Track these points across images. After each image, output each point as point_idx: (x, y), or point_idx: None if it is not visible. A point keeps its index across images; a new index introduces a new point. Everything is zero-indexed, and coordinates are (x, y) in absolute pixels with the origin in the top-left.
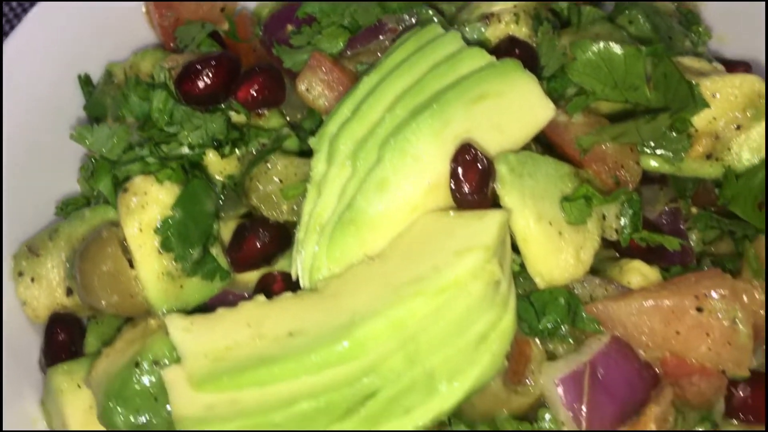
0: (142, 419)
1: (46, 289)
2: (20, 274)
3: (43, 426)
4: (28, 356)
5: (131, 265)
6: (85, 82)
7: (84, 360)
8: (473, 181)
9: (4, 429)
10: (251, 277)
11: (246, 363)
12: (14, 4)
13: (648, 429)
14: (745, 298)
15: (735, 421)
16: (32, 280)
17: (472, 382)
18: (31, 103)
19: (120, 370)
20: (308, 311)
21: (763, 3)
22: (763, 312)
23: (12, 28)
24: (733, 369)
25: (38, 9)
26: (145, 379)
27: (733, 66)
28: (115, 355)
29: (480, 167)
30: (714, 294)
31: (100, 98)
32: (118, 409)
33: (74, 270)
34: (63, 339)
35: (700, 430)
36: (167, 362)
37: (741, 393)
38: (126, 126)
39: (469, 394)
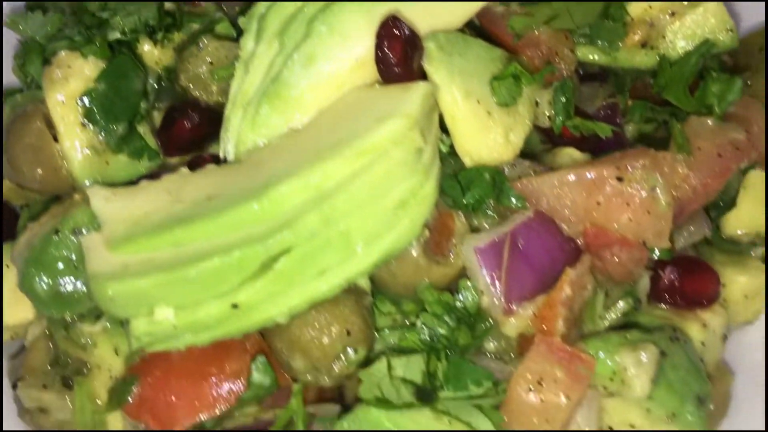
0: (62, 283)
1: None
2: None
3: None
4: None
5: (56, 139)
6: None
7: (13, 243)
8: (398, 53)
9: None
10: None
11: (163, 225)
12: None
13: (563, 292)
14: (666, 169)
15: (663, 305)
16: None
17: (390, 246)
18: None
19: (40, 239)
20: (228, 178)
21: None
22: (687, 187)
23: None
24: (654, 240)
25: None
26: (64, 246)
27: None
28: (38, 228)
29: (404, 39)
30: (635, 164)
31: None
32: (38, 274)
33: (2, 148)
34: None
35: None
36: (87, 228)
37: (668, 275)
38: (60, 14)
39: (386, 257)
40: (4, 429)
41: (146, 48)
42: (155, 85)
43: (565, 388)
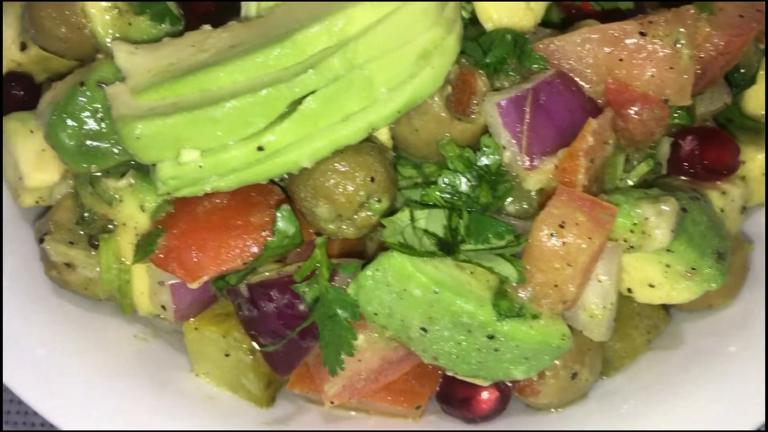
0: (87, 133)
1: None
2: None
3: None
4: None
5: None
6: None
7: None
8: None
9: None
10: None
11: (187, 71)
12: None
13: (585, 142)
14: (689, 24)
15: (682, 177)
16: None
17: (412, 93)
18: None
19: (66, 92)
20: (251, 30)
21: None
22: (710, 45)
23: None
24: (676, 96)
25: None
26: (90, 97)
27: None
28: (63, 86)
29: None
30: (658, 19)
31: None
32: (65, 125)
33: (23, 8)
34: (18, 94)
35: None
36: (111, 80)
37: (689, 144)
38: None
39: (408, 105)
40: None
41: None
42: None
43: (587, 231)
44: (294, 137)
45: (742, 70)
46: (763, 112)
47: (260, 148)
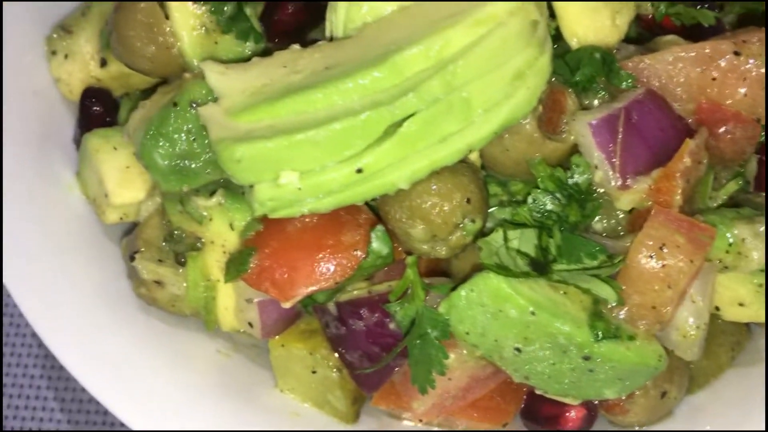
0: (180, 153)
1: (80, 63)
2: (54, 53)
3: (78, 193)
4: (64, 134)
5: (167, 17)
6: None
7: (118, 128)
8: None
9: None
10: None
11: (283, 93)
12: None
13: (683, 163)
14: None
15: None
16: (65, 56)
17: (508, 114)
18: None
19: (158, 113)
20: (343, 51)
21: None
22: None
23: None
24: None
25: None
26: (183, 118)
27: None
28: (152, 105)
29: None
30: (752, 38)
31: None
32: (158, 145)
33: (110, 26)
34: (97, 111)
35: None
36: (203, 101)
37: None
38: None
39: (504, 126)
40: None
41: None
42: None
43: (688, 253)
44: (393, 159)
45: None
46: None
47: (359, 171)
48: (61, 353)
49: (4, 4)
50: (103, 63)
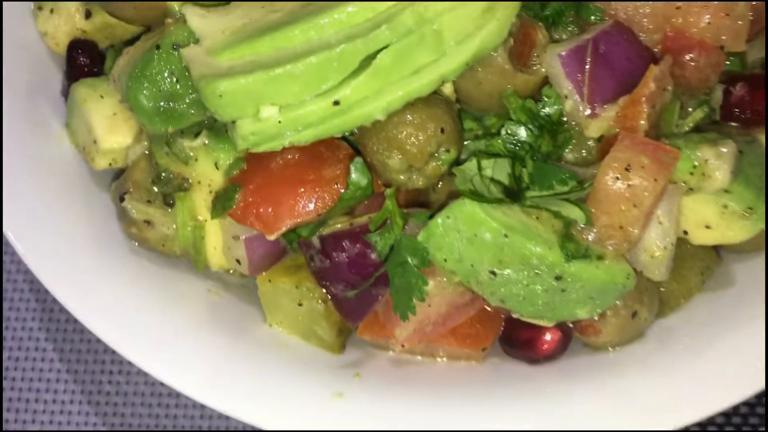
0: (164, 94)
1: (66, 17)
2: (39, 8)
3: (67, 143)
4: (51, 87)
5: None
6: None
7: (104, 78)
8: None
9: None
10: None
11: (262, 30)
12: None
13: (647, 88)
14: None
15: (734, 123)
16: (51, 11)
17: (479, 45)
18: None
19: (141, 56)
20: None
21: None
22: None
23: None
24: (731, 43)
25: None
26: (166, 60)
27: None
28: (136, 50)
29: None
30: None
31: None
32: (143, 87)
33: None
34: (84, 61)
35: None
36: (185, 43)
37: (740, 91)
38: None
39: (475, 57)
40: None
41: None
42: None
43: (652, 172)
44: (368, 91)
45: None
46: None
47: (336, 103)
48: (58, 293)
49: None
50: (88, 15)
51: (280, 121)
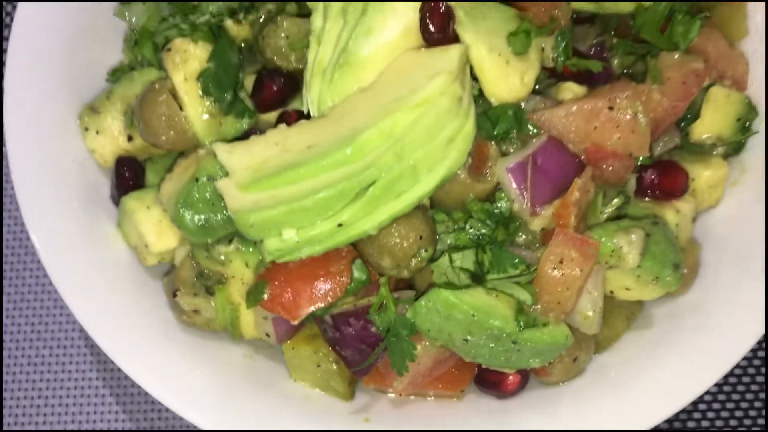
0: (204, 217)
1: (110, 138)
2: (86, 129)
3: (122, 242)
4: (101, 193)
5: (181, 108)
6: None
7: (148, 190)
8: (437, 23)
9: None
10: (271, 117)
11: (278, 169)
12: None
13: (574, 196)
14: (644, 98)
15: (646, 199)
16: (97, 132)
17: (445, 172)
18: None
19: (183, 186)
20: (320, 130)
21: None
22: (661, 109)
23: None
24: (637, 151)
25: None
26: (203, 190)
27: None
28: (176, 178)
29: (441, 11)
30: (621, 95)
31: None
32: (186, 212)
33: (136, 117)
34: (129, 175)
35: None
36: (218, 176)
37: (649, 176)
38: (156, 2)
39: (443, 181)
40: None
41: (228, 23)
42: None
43: (579, 264)
44: (363, 214)
45: (689, 111)
46: (706, 136)
47: (340, 225)
48: (123, 364)
49: (39, 85)
50: (130, 138)
51: (297, 241)
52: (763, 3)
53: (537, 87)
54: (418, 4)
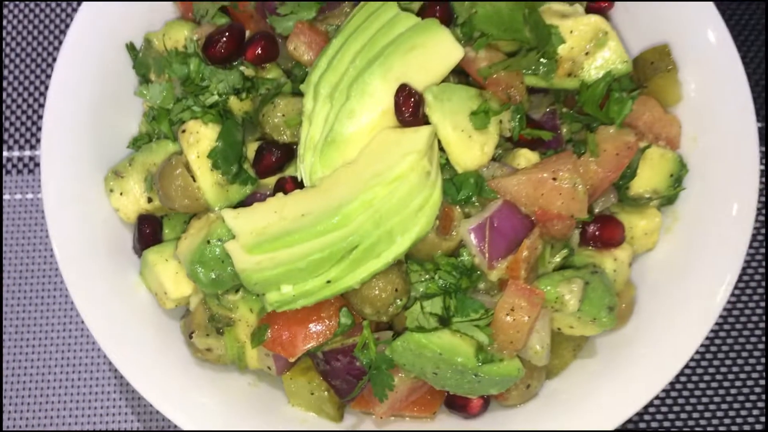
0: (215, 273)
1: (132, 199)
2: (111, 190)
3: (144, 289)
4: (125, 245)
5: (194, 179)
6: (131, 48)
7: (165, 244)
8: (409, 108)
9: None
10: (270, 181)
11: (277, 235)
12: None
13: (523, 253)
14: (581, 169)
15: (589, 248)
16: (121, 194)
17: (416, 235)
18: (102, 68)
19: (197, 246)
20: (311, 200)
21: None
22: (597, 178)
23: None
24: (578, 213)
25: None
26: (214, 250)
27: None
28: (191, 238)
29: (413, 99)
30: (563, 168)
31: (144, 60)
32: (200, 269)
33: (155, 184)
34: (149, 231)
35: (564, 254)
36: (226, 239)
37: (592, 228)
38: (170, 83)
39: (415, 243)
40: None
41: (233, 100)
42: (241, 127)
43: (527, 311)
44: (347, 272)
45: (627, 170)
46: (643, 190)
47: (328, 281)
48: (142, 390)
49: (70, 150)
50: (149, 200)
51: (294, 294)
52: (696, 74)
53: (497, 152)
54: (394, 90)
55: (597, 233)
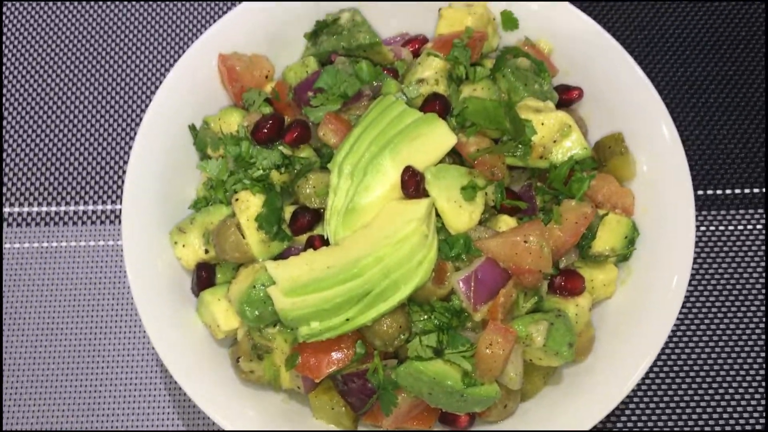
0: (258, 311)
1: (192, 251)
2: (175, 242)
3: (200, 323)
4: (185, 287)
5: (243, 237)
6: (192, 128)
7: (218, 287)
8: (413, 185)
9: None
10: (302, 238)
11: (308, 282)
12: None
13: (501, 299)
14: (547, 234)
15: (556, 296)
16: (183, 246)
17: (416, 284)
18: (168, 144)
19: (245, 289)
20: (335, 255)
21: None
22: (561, 241)
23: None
24: (545, 269)
25: (165, 88)
26: (259, 293)
27: (570, 90)
28: (240, 283)
29: (416, 178)
30: (533, 234)
31: (203, 138)
32: (247, 308)
33: (212, 240)
34: (205, 276)
35: (534, 300)
36: (268, 284)
37: (557, 280)
38: (225, 159)
39: (415, 290)
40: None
41: (274, 173)
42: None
43: (503, 346)
44: (362, 312)
45: (588, 233)
46: (602, 249)
47: (347, 319)
48: (202, 405)
49: (145, 211)
50: (206, 252)
51: (320, 329)
52: (646, 154)
53: (482, 218)
54: (401, 170)
55: (562, 284)
